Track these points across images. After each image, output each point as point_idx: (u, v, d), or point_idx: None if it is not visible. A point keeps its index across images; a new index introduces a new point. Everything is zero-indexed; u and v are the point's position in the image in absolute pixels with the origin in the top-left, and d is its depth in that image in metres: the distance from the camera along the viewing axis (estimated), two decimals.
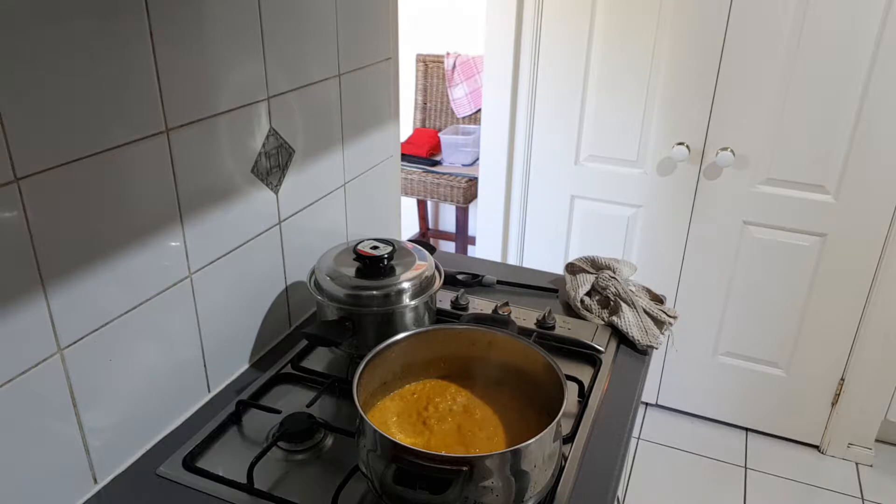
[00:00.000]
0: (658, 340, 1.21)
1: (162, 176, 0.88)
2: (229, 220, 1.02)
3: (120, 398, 0.89)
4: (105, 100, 0.78)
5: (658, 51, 2.00)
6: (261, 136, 1.05)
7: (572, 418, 1.00)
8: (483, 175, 2.38)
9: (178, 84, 0.87)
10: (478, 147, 2.45)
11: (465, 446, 0.86)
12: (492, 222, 2.43)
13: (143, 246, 0.87)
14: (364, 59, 1.30)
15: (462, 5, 2.86)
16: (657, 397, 2.45)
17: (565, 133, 2.20)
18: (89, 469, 0.86)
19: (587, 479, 0.91)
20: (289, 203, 1.16)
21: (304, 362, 1.15)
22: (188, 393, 1.02)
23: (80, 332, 0.81)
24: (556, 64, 2.13)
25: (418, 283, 1.09)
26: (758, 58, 1.90)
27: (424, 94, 3.06)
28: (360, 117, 1.33)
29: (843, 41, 1.79)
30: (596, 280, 1.30)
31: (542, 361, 0.90)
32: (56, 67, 0.71)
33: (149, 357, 0.92)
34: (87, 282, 0.80)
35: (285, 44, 1.06)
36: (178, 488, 0.88)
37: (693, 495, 2.13)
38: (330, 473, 0.91)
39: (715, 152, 2.03)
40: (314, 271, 1.13)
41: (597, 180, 2.23)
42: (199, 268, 0.98)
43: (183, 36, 0.87)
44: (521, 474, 0.77)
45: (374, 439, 0.78)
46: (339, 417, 1.02)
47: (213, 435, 0.97)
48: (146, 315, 0.90)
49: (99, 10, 0.75)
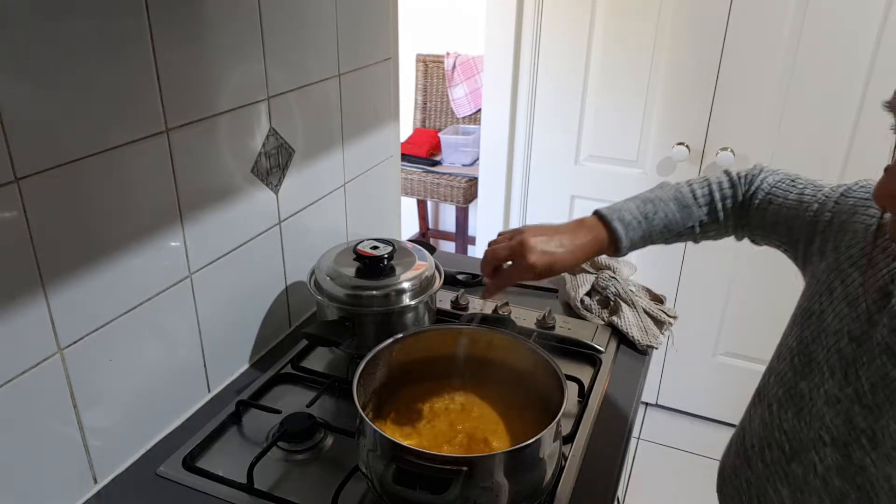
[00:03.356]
0: (658, 340, 1.21)
1: (162, 176, 0.88)
2: (229, 220, 1.02)
3: (120, 398, 0.89)
4: (105, 100, 0.78)
5: (658, 51, 1.99)
6: (261, 136, 1.05)
7: (572, 418, 1.00)
8: (483, 175, 2.38)
9: (178, 84, 0.87)
10: (478, 147, 2.45)
11: (464, 446, 0.86)
12: (492, 222, 2.43)
13: (143, 246, 0.87)
14: (364, 59, 1.30)
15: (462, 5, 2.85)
16: (657, 397, 2.45)
17: (565, 133, 2.20)
18: (89, 469, 0.86)
19: (587, 479, 0.91)
20: (289, 203, 1.16)
21: (304, 362, 1.15)
22: (188, 393, 1.02)
23: (80, 332, 0.81)
24: (556, 64, 2.13)
25: (418, 283, 1.09)
26: (758, 58, 1.90)
27: (424, 94, 3.06)
28: (360, 117, 1.33)
29: (843, 41, 1.79)
30: (596, 280, 1.30)
31: (542, 361, 0.90)
32: (56, 67, 0.71)
33: (149, 357, 0.92)
34: (87, 282, 0.80)
35: (285, 44, 1.06)
36: (178, 488, 0.88)
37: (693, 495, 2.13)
38: (330, 473, 0.91)
39: (715, 152, 2.03)
40: (314, 271, 1.13)
41: (597, 180, 2.23)
42: (199, 268, 0.98)
43: (183, 36, 0.87)
44: (520, 474, 0.77)
45: (374, 439, 0.78)
46: (339, 417, 1.02)
47: (213, 435, 0.97)
48: (146, 315, 0.90)
49: (99, 10, 0.75)
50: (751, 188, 0.86)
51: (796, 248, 0.78)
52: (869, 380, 0.58)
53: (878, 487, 0.54)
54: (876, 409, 0.56)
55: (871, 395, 0.57)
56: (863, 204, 0.67)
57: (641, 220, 0.84)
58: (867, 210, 0.66)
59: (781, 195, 0.81)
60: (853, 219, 0.66)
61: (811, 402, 0.63)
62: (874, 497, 0.55)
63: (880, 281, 0.59)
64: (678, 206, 0.85)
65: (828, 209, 0.71)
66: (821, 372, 0.63)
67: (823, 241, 0.70)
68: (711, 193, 0.87)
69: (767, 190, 0.84)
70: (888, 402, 0.56)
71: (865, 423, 0.57)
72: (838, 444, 0.58)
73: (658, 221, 0.84)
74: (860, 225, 0.65)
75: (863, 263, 0.63)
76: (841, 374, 0.60)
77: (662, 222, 0.85)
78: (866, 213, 0.65)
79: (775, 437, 0.66)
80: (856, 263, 0.64)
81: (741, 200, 0.87)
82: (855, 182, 0.72)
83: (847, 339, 0.61)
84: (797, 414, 0.64)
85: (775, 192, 0.83)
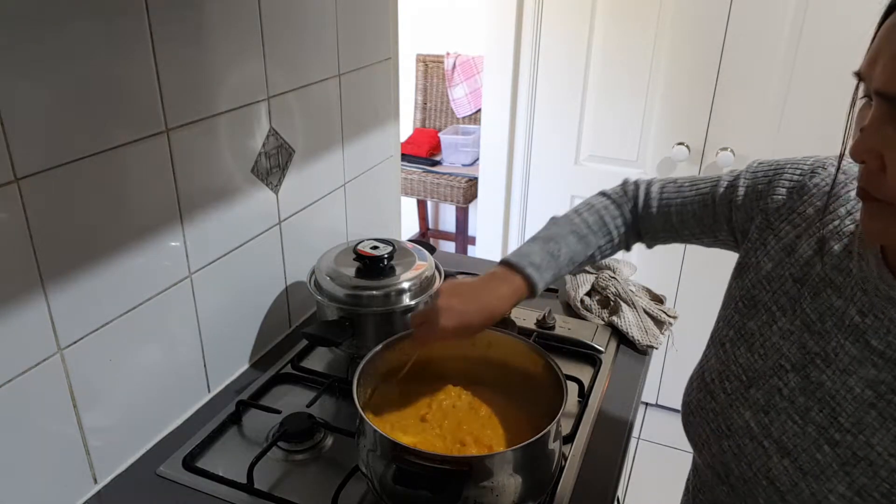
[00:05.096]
0: (658, 340, 1.21)
1: (162, 176, 0.88)
2: (229, 220, 1.02)
3: (120, 398, 0.89)
4: (105, 100, 0.78)
5: (658, 51, 1.99)
6: (261, 136, 1.05)
7: (572, 418, 1.00)
8: (483, 175, 2.38)
9: (178, 84, 0.87)
10: (478, 147, 2.45)
11: (464, 446, 0.86)
12: (492, 222, 2.43)
13: (143, 246, 0.87)
14: (364, 59, 1.30)
15: (462, 5, 2.85)
16: (657, 397, 2.45)
17: (565, 133, 2.20)
18: (89, 469, 0.86)
19: (587, 479, 0.91)
20: (289, 203, 1.16)
21: (304, 362, 1.15)
22: (188, 393, 1.02)
23: (80, 332, 0.81)
24: (556, 64, 2.13)
25: (418, 283, 1.09)
26: (758, 58, 1.90)
27: (424, 94, 3.06)
28: (360, 117, 1.33)
29: (844, 41, 1.79)
30: (596, 280, 1.30)
31: (542, 361, 0.90)
32: (56, 67, 0.71)
33: (149, 357, 0.92)
34: (87, 282, 0.80)
35: (285, 44, 1.06)
36: (178, 488, 0.88)
37: None
38: (330, 473, 0.91)
39: (715, 152, 2.03)
40: (314, 271, 1.13)
41: (597, 180, 2.21)
42: (199, 268, 0.98)
43: (183, 36, 0.87)
44: (521, 474, 0.77)
45: (374, 439, 0.78)
46: (339, 417, 1.02)
47: (213, 435, 0.97)
48: (146, 315, 0.90)
49: (99, 11, 0.75)
50: (638, 201, 0.93)
51: (716, 231, 0.85)
52: (816, 311, 0.67)
53: (839, 398, 0.64)
54: (825, 334, 0.66)
55: (820, 323, 0.66)
56: (775, 172, 0.76)
57: (550, 260, 0.88)
58: (783, 176, 0.75)
59: (676, 196, 0.89)
60: (771, 185, 0.76)
61: (762, 337, 0.72)
62: (836, 406, 0.64)
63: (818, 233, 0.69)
64: (577, 239, 0.91)
65: (739, 186, 0.80)
66: (769, 311, 0.72)
67: (747, 210, 0.79)
68: (602, 218, 0.93)
69: (658, 196, 0.91)
70: (835, 328, 0.65)
71: (818, 347, 0.66)
72: (798, 368, 0.68)
73: (563, 257, 0.89)
74: (781, 189, 0.74)
75: (793, 217, 0.72)
76: (791, 310, 0.69)
77: (567, 257, 0.90)
78: (783, 179, 0.75)
79: (732, 370, 0.75)
80: (786, 219, 0.73)
81: (630, 216, 0.94)
82: (751, 162, 0.81)
83: (791, 281, 0.70)
84: (749, 348, 0.73)
85: (667, 195, 0.90)
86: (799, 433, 0.67)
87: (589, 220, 0.92)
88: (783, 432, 0.68)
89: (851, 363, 0.63)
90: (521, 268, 0.86)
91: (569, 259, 0.90)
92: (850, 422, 0.63)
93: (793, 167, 0.75)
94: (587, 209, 0.94)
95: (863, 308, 0.63)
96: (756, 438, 0.71)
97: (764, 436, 0.70)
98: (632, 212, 0.93)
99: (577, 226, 0.91)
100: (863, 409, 0.62)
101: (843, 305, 0.65)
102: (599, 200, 0.95)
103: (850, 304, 0.64)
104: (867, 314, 0.62)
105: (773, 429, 0.69)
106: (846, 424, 0.63)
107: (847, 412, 0.63)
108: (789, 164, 0.77)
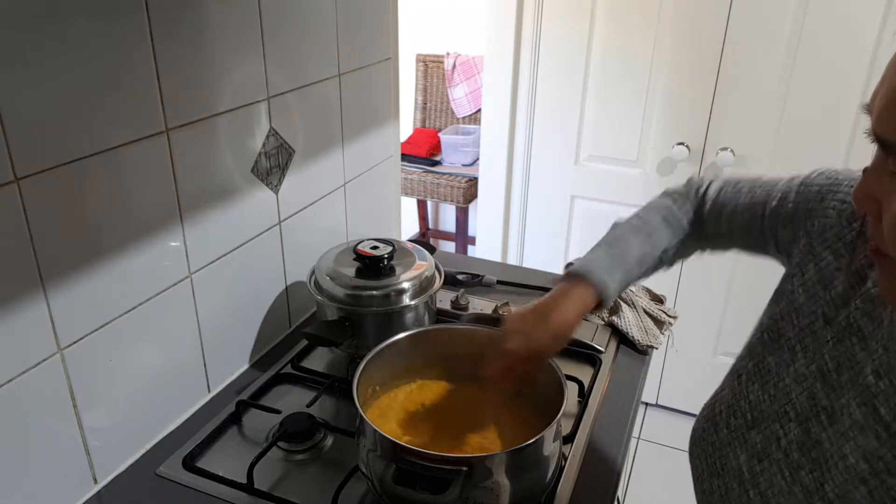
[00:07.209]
0: (658, 340, 1.21)
1: (162, 176, 0.88)
2: (229, 220, 1.02)
3: (120, 398, 0.89)
4: (105, 100, 0.78)
5: (658, 51, 1.99)
6: (261, 136, 1.05)
7: (572, 418, 1.00)
8: (483, 175, 2.38)
9: (178, 84, 0.87)
10: (478, 147, 2.45)
11: (465, 446, 0.86)
12: (492, 222, 2.43)
13: (143, 246, 0.87)
14: (364, 59, 1.30)
15: (462, 5, 2.85)
16: (657, 397, 2.45)
17: (565, 133, 2.20)
18: (89, 469, 0.86)
19: (587, 479, 0.91)
20: (289, 203, 1.16)
21: (304, 362, 1.15)
22: (188, 393, 1.02)
23: (80, 332, 0.81)
24: (556, 64, 2.13)
25: (418, 283, 1.09)
26: (758, 58, 1.90)
27: (424, 94, 3.06)
28: (360, 117, 1.33)
29: (844, 41, 1.79)
30: None
31: None
32: (56, 67, 0.71)
33: (149, 357, 0.92)
34: (87, 282, 0.80)
35: (285, 44, 1.06)
36: (178, 488, 0.88)
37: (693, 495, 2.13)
38: (330, 473, 0.91)
39: (715, 152, 2.03)
40: (314, 271, 1.13)
41: (597, 180, 2.23)
42: (199, 268, 0.98)
43: (183, 36, 0.87)
44: (521, 474, 0.77)
45: (374, 439, 0.78)
46: (339, 417, 1.02)
47: (213, 435, 0.97)
48: (146, 315, 0.90)
49: (99, 10, 0.75)
50: (697, 200, 0.86)
51: (765, 246, 0.78)
52: (835, 359, 0.59)
53: (830, 463, 0.57)
54: (838, 388, 0.58)
55: (836, 375, 0.59)
56: (828, 189, 0.67)
57: (616, 261, 0.83)
58: (835, 195, 0.66)
59: (730, 203, 0.81)
60: (822, 204, 0.67)
61: (776, 376, 0.65)
62: (826, 471, 0.57)
63: (856, 264, 0.60)
64: (641, 239, 0.84)
65: (790, 200, 0.72)
66: (791, 350, 0.64)
67: (794, 228, 0.71)
68: (665, 218, 0.86)
69: (714, 196, 0.84)
70: (850, 383, 0.57)
71: (827, 401, 0.59)
72: (801, 419, 0.61)
73: (631, 258, 0.83)
74: (831, 210, 0.66)
75: (838, 247, 0.64)
76: (812, 353, 0.62)
77: (634, 257, 0.83)
78: (835, 199, 0.66)
79: (740, 405, 0.69)
80: (830, 247, 0.64)
81: (694, 216, 0.87)
82: (812, 171, 0.73)
83: (822, 321, 0.62)
84: (762, 386, 0.67)
85: (722, 197, 0.83)
86: (785, 492, 0.61)
87: (651, 220, 0.86)
88: (770, 486, 0.63)
89: (853, 427, 0.56)
90: (586, 273, 0.80)
91: (636, 260, 0.83)
92: (836, 493, 0.57)
93: (850, 184, 0.65)
94: (648, 210, 0.88)
95: (879, 369, 0.55)
96: (744, 485, 0.66)
97: (752, 484, 0.65)
98: (695, 211, 0.87)
99: (638, 227, 0.86)
100: (852, 482, 0.55)
101: (864, 360, 0.57)
102: (660, 200, 0.89)
103: (869, 360, 0.56)
104: (883, 377, 0.55)
105: (761, 479, 0.64)
106: (831, 495, 0.57)
107: (835, 481, 0.57)
108: (847, 179, 0.66)
